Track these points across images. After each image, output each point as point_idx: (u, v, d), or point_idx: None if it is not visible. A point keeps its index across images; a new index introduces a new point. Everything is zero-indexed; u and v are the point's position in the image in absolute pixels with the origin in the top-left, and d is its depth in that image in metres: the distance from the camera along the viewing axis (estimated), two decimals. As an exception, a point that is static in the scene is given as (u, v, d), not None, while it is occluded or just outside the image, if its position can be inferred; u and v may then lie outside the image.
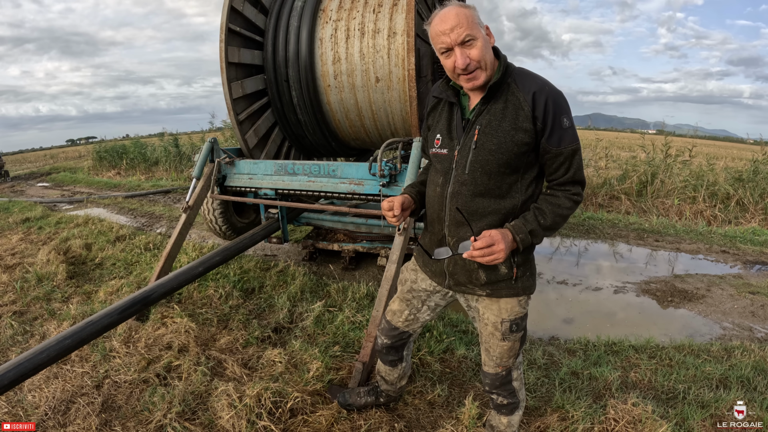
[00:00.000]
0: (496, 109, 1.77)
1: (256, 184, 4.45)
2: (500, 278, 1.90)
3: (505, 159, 1.76)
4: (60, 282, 4.65)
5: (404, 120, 4.56)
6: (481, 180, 1.80)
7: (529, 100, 1.72)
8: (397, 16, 4.25)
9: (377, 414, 2.63)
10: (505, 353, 2.03)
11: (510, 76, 1.78)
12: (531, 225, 1.77)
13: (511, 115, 1.74)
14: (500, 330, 1.97)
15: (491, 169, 1.78)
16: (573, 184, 1.84)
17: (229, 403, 2.57)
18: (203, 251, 5.36)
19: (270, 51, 4.66)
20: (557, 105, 1.74)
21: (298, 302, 4.11)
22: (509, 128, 1.74)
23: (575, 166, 1.80)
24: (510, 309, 1.95)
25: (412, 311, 2.28)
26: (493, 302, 1.96)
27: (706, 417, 2.67)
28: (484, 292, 1.94)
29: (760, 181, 8.45)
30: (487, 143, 1.76)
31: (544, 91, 1.73)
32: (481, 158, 1.78)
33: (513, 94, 1.76)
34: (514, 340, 2.01)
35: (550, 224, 1.80)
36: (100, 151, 15.76)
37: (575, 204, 1.84)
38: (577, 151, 1.79)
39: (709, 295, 4.59)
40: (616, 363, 3.30)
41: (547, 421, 2.59)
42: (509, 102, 1.76)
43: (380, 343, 2.44)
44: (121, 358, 3.20)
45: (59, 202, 9.91)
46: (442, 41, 1.70)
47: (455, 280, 2.00)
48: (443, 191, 1.91)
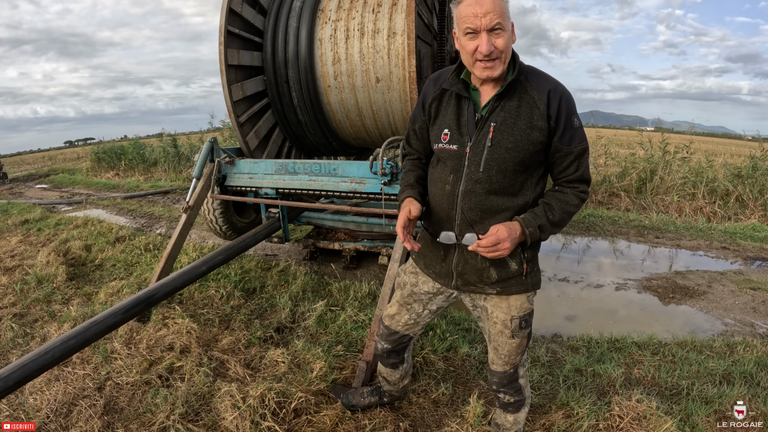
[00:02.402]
0: (510, 107, 1.76)
1: (256, 183, 4.43)
2: (511, 275, 1.90)
3: (521, 157, 1.76)
4: (60, 284, 4.63)
5: (405, 120, 4.55)
6: (497, 178, 1.79)
7: (544, 98, 1.74)
8: (397, 16, 4.24)
9: (382, 413, 2.62)
10: (514, 350, 2.02)
11: (522, 74, 1.79)
12: (540, 219, 1.78)
13: (526, 114, 1.75)
14: (510, 327, 1.96)
15: (507, 167, 1.77)
16: (581, 182, 1.86)
17: (233, 404, 2.56)
18: (204, 251, 5.35)
19: (269, 52, 4.64)
20: (569, 105, 1.77)
21: (300, 302, 4.10)
22: (525, 126, 1.75)
23: (584, 164, 1.83)
24: (519, 306, 1.95)
25: (413, 315, 2.25)
26: (502, 300, 1.95)
27: (710, 413, 2.67)
28: (494, 290, 1.93)
29: (759, 177, 8.45)
30: (503, 141, 1.75)
31: (558, 91, 1.75)
32: (497, 156, 1.76)
33: (527, 92, 1.76)
34: (523, 337, 2.01)
35: (558, 220, 1.81)
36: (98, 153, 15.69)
37: (582, 201, 1.87)
38: (586, 150, 1.82)
39: (711, 292, 4.59)
40: (619, 360, 3.30)
41: (552, 418, 2.59)
42: (523, 100, 1.76)
43: (380, 348, 2.41)
44: (122, 359, 3.18)
45: (58, 203, 9.89)
46: (472, 22, 1.65)
47: (464, 279, 1.97)
48: (454, 189, 1.87)
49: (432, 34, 4.75)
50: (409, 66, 3.99)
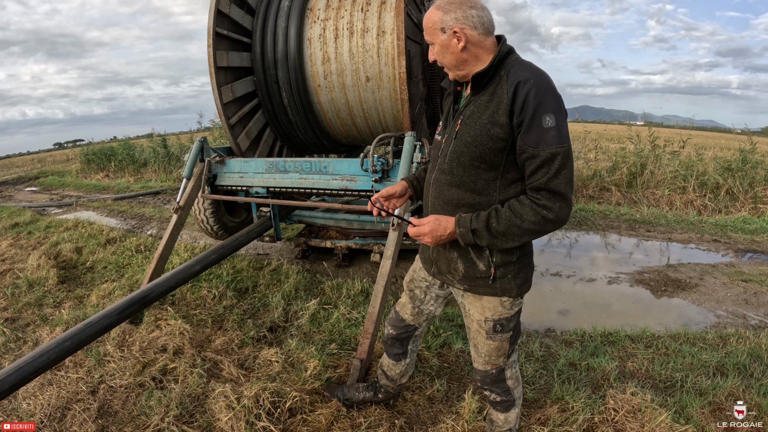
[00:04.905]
0: (481, 101, 1.71)
1: (247, 182, 4.41)
2: (478, 275, 1.84)
3: (479, 153, 1.69)
4: (51, 287, 4.59)
5: (395, 118, 4.54)
6: (457, 171, 1.78)
7: (510, 92, 1.60)
8: (386, 14, 4.23)
9: (377, 411, 2.62)
10: (493, 352, 1.99)
11: (505, 67, 1.68)
12: (477, 224, 1.69)
13: (493, 108, 1.66)
14: (484, 328, 1.94)
15: (465, 161, 1.74)
16: (546, 193, 1.61)
17: (227, 405, 2.55)
18: (195, 252, 5.31)
19: (258, 52, 4.60)
20: (539, 100, 1.56)
21: (293, 301, 4.09)
22: (486, 121, 1.66)
23: (552, 172, 1.58)
24: (492, 308, 1.89)
25: (416, 303, 2.27)
26: (476, 299, 1.92)
27: (704, 404, 2.69)
28: (463, 287, 1.91)
29: (748, 171, 8.53)
30: (464, 135, 1.73)
31: (527, 84, 1.58)
32: (457, 149, 1.75)
33: (501, 86, 1.65)
34: (501, 340, 1.96)
35: (502, 230, 1.66)
36: (88, 154, 15.53)
37: (542, 219, 1.62)
38: (556, 156, 1.57)
39: (703, 284, 4.62)
40: (613, 353, 3.32)
41: (547, 413, 2.59)
42: (495, 94, 1.66)
43: (386, 333, 2.44)
44: (115, 362, 3.16)
45: (48, 206, 9.79)
46: None
47: (438, 267, 2.00)
48: (429, 177, 1.95)
49: (421, 33, 4.73)
50: (399, 67, 3.99)
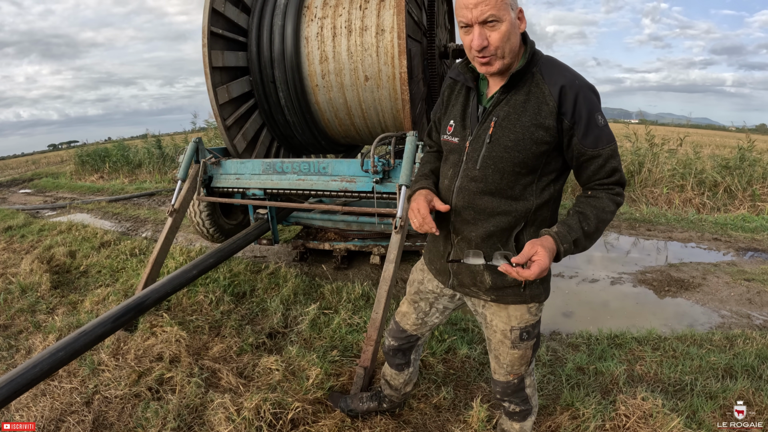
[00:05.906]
0: (516, 101, 1.59)
1: (243, 184, 4.31)
2: (507, 284, 1.74)
3: (522, 158, 1.59)
4: (44, 292, 4.48)
5: (395, 117, 4.46)
6: (493, 178, 1.64)
7: (555, 94, 1.54)
8: (385, 12, 4.14)
9: (382, 421, 2.54)
10: (516, 361, 1.90)
11: (536, 64, 1.60)
12: (576, 233, 1.59)
13: (533, 110, 1.56)
14: (509, 338, 1.84)
15: (505, 167, 1.61)
16: (619, 188, 1.66)
17: (227, 417, 2.47)
18: (191, 255, 5.22)
19: (254, 52, 4.51)
20: (589, 101, 1.56)
21: (292, 305, 4.00)
22: (529, 124, 1.56)
23: (617, 165, 1.63)
24: (519, 316, 1.81)
25: (420, 315, 2.14)
26: (501, 309, 1.82)
27: (715, 408, 2.63)
28: (489, 298, 1.81)
29: (746, 168, 8.53)
30: (503, 138, 1.59)
31: (574, 86, 1.54)
32: (495, 154, 1.61)
33: (537, 85, 1.57)
34: (526, 348, 1.88)
35: (593, 230, 1.62)
36: (82, 155, 15.40)
37: (617, 206, 1.66)
38: (615, 151, 1.61)
39: (705, 284, 4.58)
40: (620, 356, 3.26)
41: (558, 420, 2.53)
42: (532, 94, 1.57)
43: (387, 344, 2.33)
44: (110, 371, 3.06)
45: (42, 208, 9.66)
46: (464, 15, 1.50)
47: (459, 280, 1.86)
48: (451, 185, 1.76)
49: (421, 31, 4.65)
50: (401, 67, 3.90)
